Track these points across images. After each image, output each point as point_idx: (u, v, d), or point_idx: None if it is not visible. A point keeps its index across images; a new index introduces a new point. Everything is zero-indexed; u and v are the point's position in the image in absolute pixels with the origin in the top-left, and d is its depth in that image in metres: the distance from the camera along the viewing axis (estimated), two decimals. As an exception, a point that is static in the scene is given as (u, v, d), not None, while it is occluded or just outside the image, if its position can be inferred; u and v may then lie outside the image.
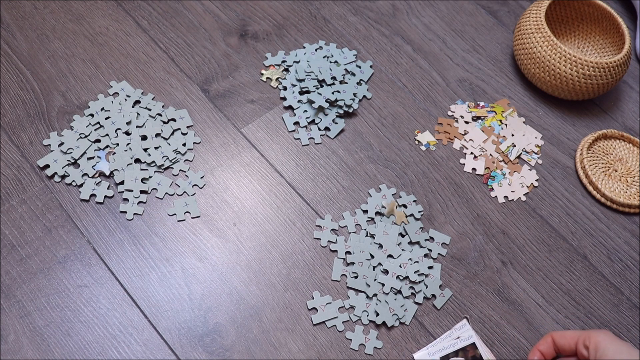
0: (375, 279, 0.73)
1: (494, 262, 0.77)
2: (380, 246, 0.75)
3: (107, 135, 0.79)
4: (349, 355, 0.68)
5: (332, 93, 0.85)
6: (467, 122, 0.88)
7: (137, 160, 0.78)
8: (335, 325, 0.70)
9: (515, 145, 0.87)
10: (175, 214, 0.75)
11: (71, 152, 0.77)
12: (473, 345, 0.69)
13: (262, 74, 0.88)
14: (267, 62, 0.89)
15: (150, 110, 0.82)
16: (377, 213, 0.78)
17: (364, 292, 0.72)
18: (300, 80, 0.87)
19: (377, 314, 0.71)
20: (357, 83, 0.89)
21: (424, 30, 0.98)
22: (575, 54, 0.85)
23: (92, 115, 0.80)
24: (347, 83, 0.88)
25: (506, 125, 0.89)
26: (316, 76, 0.86)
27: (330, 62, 0.89)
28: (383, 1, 1.00)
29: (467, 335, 0.70)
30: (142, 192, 0.76)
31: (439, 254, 0.76)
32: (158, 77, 0.86)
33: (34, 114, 0.80)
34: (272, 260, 0.74)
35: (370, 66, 0.92)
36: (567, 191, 0.85)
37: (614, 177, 0.86)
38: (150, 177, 0.77)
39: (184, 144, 0.80)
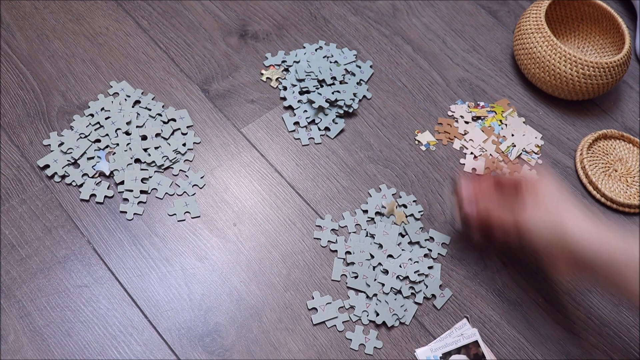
0: (375, 279, 0.73)
1: (494, 262, 0.77)
2: (380, 246, 0.75)
3: (107, 135, 0.79)
4: (349, 355, 0.68)
5: (332, 93, 0.85)
6: (467, 122, 0.88)
7: (137, 160, 0.78)
8: (335, 325, 0.70)
9: (515, 145, 0.87)
10: (175, 214, 0.75)
11: (71, 152, 0.77)
12: (476, 343, 0.69)
13: (262, 74, 0.88)
14: (267, 62, 0.89)
15: (150, 110, 0.82)
16: (377, 213, 0.78)
17: (364, 292, 0.72)
18: (300, 80, 0.86)
19: (377, 314, 0.71)
20: (357, 83, 0.89)
21: (424, 30, 0.98)
22: (575, 54, 0.85)
23: (92, 115, 0.80)
24: (347, 83, 0.87)
25: (506, 125, 0.89)
26: (316, 76, 0.86)
27: (330, 62, 0.89)
28: (383, 1, 1.00)
29: (470, 333, 0.70)
30: (142, 192, 0.76)
31: (439, 254, 0.76)
32: (158, 77, 0.86)
33: (34, 114, 0.80)
34: (272, 260, 0.74)
35: (370, 66, 0.92)
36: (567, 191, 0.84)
37: (614, 177, 0.86)
38: (150, 177, 0.77)
39: (184, 144, 0.80)
